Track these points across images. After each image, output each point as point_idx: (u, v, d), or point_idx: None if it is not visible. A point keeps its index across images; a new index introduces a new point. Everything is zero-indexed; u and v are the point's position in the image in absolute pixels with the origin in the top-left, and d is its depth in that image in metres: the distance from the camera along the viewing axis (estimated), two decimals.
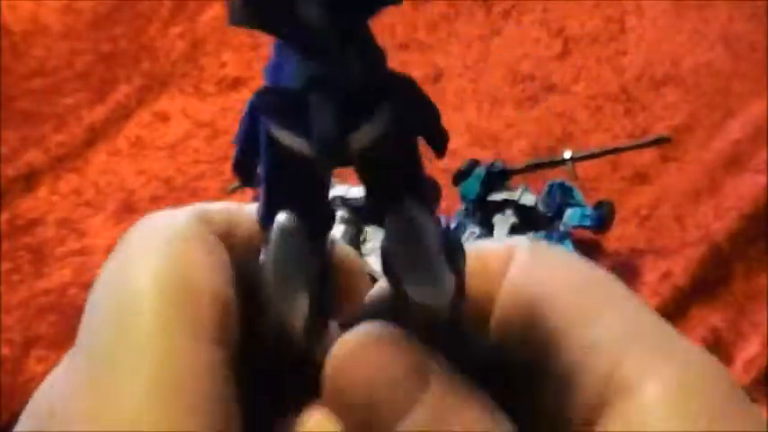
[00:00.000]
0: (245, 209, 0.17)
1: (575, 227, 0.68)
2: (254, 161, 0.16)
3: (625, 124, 0.83)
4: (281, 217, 0.16)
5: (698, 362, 0.16)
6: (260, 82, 0.17)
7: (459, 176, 0.70)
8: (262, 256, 0.16)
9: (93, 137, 0.86)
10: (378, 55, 0.16)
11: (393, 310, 0.17)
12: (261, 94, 0.16)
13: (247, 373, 0.16)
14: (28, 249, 0.77)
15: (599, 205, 0.68)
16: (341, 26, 0.15)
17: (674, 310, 0.67)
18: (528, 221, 0.69)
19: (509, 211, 0.69)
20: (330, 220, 0.17)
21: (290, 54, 0.15)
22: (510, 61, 0.90)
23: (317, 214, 0.17)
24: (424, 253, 0.16)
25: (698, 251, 0.69)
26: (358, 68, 0.15)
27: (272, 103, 0.16)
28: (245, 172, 0.17)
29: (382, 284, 0.18)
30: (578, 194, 0.69)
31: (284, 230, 0.16)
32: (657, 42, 0.90)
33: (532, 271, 0.18)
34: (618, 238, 0.72)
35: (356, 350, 0.15)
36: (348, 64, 0.15)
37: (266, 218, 0.16)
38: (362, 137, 0.15)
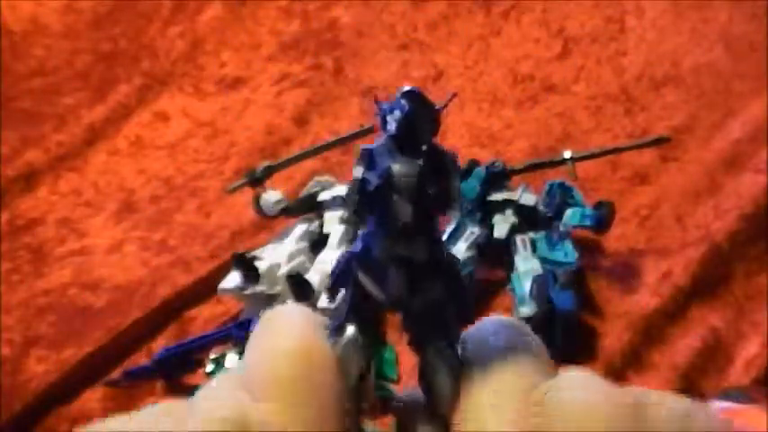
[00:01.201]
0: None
1: (575, 227, 0.68)
2: (341, 289, 0.25)
3: (625, 124, 0.83)
4: (350, 329, 0.24)
5: None
6: (259, 81, 0.18)
7: (460, 176, 0.70)
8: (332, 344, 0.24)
9: (93, 137, 0.86)
10: (439, 244, 0.24)
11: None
12: (359, 253, 0.24)
13: None
14: (28, 249, 0.77)
15: (599, 205, 0.68)
16: (418, 223, 0.22)
17: (674, 310, 0.67)
18: (528, 221, 0.69)
19: (509, 211, 0.69)
20: (381, 334, 0.25)
21: (380, 231, 0.23)
22: (510, 61, 0.90)
23: (374, 331, 0.25)
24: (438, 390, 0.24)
25: (698, 251, 0.69)
26: (424, 253, 0.23)
27: (363, 261, 0.24)
28: (332, 295, 0.25)
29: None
30: (578, 194, 0.69)
31: (352, 339, 0.24)
32: (657, 42, 0.90)
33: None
34: (618, 238, 0.72)
35: None
36: (417, 249, 0.23)
37: (338, 327, 0.24)
38: (418, 300, 0.23)
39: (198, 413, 0.22)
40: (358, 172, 0.23)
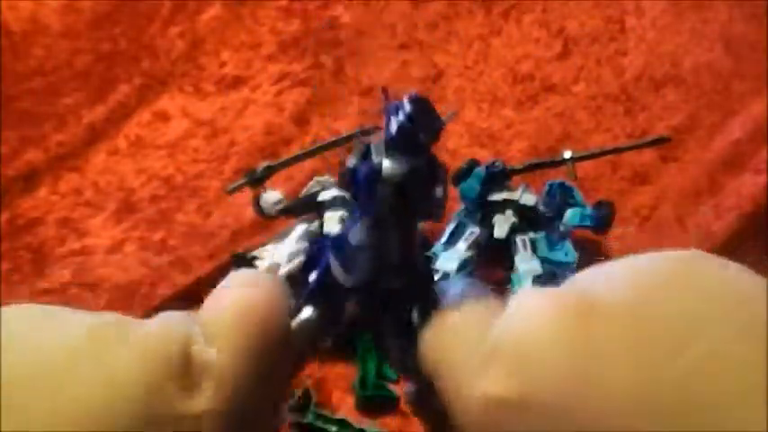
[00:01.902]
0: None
1: (575, 227, 0.68)
2: (309, 272, 0.26)
3: (625, 124, 0.83)
4: (308, 310, 0.26)
5: None
6: (259, 81, 0.19)
7: (460, 176, 0.70)
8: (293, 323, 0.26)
9: (93, 137, 0.86)
10: (412, 243, 0.25)
11: None
12: (335, 237, 0.26)
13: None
14: (28, 249, 0.77)
15: (599, 205, 0.68)
16: (397, 218, 0.24)
17: None
18: (528, 221, 0.69)
19: (509, 211, 0.69)
20: (341, 319, 0.27)
21: (358, 221, 0.25)
22: (510, 61, 0.90)
23: (334, 316, 0.26)
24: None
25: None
26: (396, 244, 0.25)
27: (336, 246, 0.25)
28: (301, 281, 0.26)
29: None
30: (578, 194, 0.69)
31: (308, 319, 0.26)
32: (657, 42, 0.90)
33: None
34: (618, 238, 0.72)
35: None
36: (390, 242, 0.25)
37: (298, 306, 0.26)
38: (381, 290, 0.25)
39: (147, 336, 0.23)
40: (351, 162, 0.25)
